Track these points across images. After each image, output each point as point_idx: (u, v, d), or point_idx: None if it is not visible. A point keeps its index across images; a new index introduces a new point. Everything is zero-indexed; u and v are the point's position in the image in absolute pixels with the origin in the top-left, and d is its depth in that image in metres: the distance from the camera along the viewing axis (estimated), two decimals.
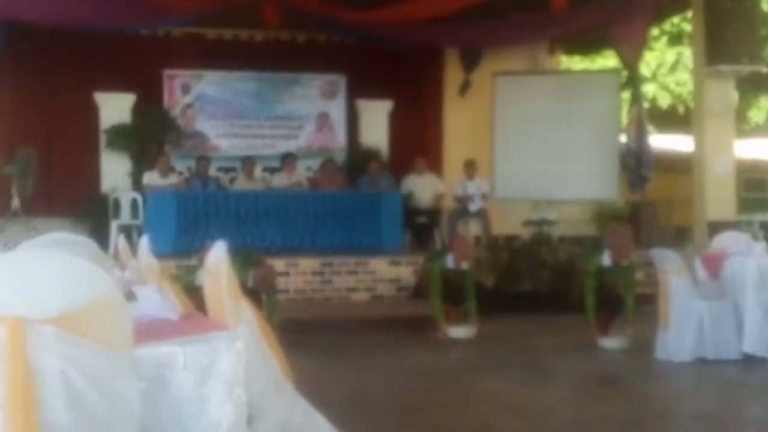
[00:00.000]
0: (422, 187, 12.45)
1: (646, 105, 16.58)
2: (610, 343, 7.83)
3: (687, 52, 18.27)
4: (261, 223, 11.05)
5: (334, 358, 7.43)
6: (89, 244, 5.31)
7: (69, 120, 12.78)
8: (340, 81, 13.69)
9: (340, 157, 13.37)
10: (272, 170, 12.73)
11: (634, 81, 13.07)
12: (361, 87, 13.54)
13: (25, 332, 2.23)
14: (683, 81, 19.63)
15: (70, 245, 4.85)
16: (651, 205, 12.79)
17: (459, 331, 8.42)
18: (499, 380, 6.62)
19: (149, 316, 3.20)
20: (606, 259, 7.85)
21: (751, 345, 6.97)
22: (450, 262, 8.64)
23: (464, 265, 8.70)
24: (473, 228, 12.66)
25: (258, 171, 12.53)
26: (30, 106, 12.72)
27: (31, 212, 11.49)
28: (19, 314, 2.24)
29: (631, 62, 12.70)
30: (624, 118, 14.33)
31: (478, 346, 8.14)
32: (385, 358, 7.47)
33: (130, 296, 3.39)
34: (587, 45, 15.14)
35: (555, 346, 8.06)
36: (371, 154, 13.04)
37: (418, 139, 14.04)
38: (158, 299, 3.48)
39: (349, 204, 11.56)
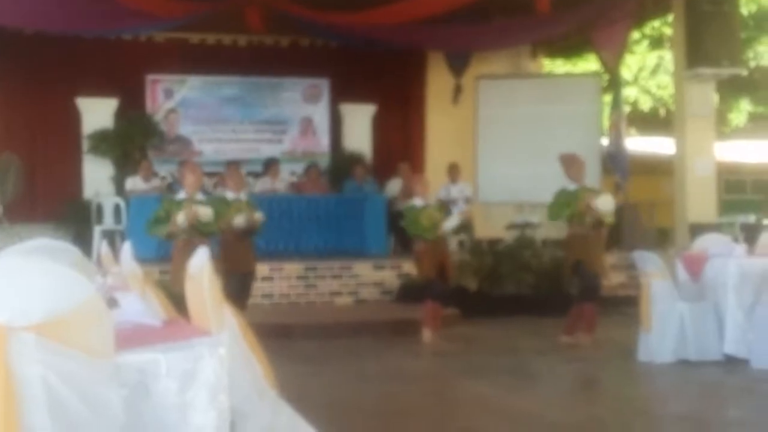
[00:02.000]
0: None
1: (627, 108, 16.68)
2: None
3: (668, 56, 18.38)
4: None
5: (318, 362, 7.43)
6: (72, 250, 5.30)
7: (51, 125, 12.74)
8: (323, 85, 13.70)
9: (324, 161, 13.38)
10: (256, 175, 12.72)
11: (615, 85, 13.14)
12: (344, 91, 13.55)
13: (7, 340, 2.23)
14: (664, 84, 19.75)
15: (53, 252, 4.83)
16: (633, 208, 12.86)
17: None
18: (483, 384, 6.64)
19: (132, 323, 3.20)
20: (571, 186, 7.92)
21: (732, 346, 7.02)
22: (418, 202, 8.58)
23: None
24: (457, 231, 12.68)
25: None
26: (12, 112, 12.68)
27: (13, 218, 11.43)
28: (0, 322, 2.24)
29: (612, 66, 12.77)
30: (606, 122, 14.39)
31: (461, 349, 8.15)
32: (369, 362, 7.47)
33: (112, 302, 3.39)
34: (569, 49, 15.22)
35: (538, 348, 8.08)
36: (355, 158, 13.05)
37: (401, 143, 14.07)
38: (141, 305, 3.48)
39: (333, 208, 11.58)
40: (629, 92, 19.81)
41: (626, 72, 18.45)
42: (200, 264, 3.14)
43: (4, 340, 2.21)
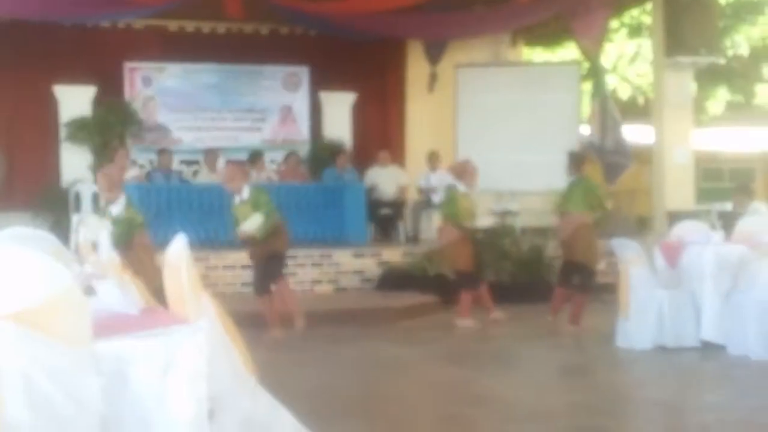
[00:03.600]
0: (386, 180, 12.47)
1: (607, 96, 16.70)
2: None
3: (646, 44, 18.44)
4: (225, 215, 10.95)
5: (298, 351, 7.44)
6: (49, 238, 5.28)
7: (28, 113, 12.60)
8: (302, 73, 13.64)
9: (304, 150, 13.33)
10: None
11: (596, 73, 13.17)
12: (324, 79, 13.51)
13: None
14: (643, 73, 19.82)
15: (30, 240, 4.81)
16: (613, 196, 12.91)
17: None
18: (464, 370, 6.67)
19: (109, 311, 3.19)
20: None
21: (709, 332, 7.08)
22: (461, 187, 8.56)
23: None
24: (436, 219, 12.70)
25: (221, 163, 12.45)
26: None
27: None
28: None
29: (591, 54, 12.80)
30: (585, 110, 14.43)
31: (442, 336, 8.18)
32: (349, 350, 7.49)
33: (89, 291, 3.37)
34: (548, 37, 15.23)
35: (518, 335, 8.13)
36: (335, 147, 13.02)
37: (381, 131, 14.05)
38: (118, 293, 3.47)
39: (313, 197, 11.56)
40: (608, 80, 19.86)
41: (605, 60, 18.49)
42: (178, 251, 3.13)
43: None
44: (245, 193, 8.15)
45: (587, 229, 8.20)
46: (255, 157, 12.21)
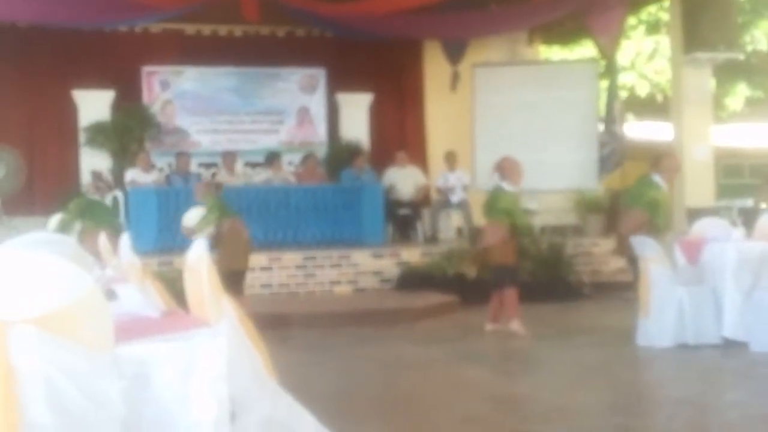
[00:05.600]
0: (404, 180, 12.47)
1: (623, 94, 16.67)
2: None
3: (664, 41, 18.35)
4: (243, 218, 11.02)
5: (318, 352, 7.45)
6: (70, 243, 5.32)
7: (48, 118, 12.73)
8: (319, 75, 13.68)
9: (321, 151, 13.37)
10: (253, 165, 12.73)
11: (612, 70, 13.12)
12: (341, 80, 13.53)
13: (6, 333, 2.23)
14: (661, 69, 19.72)
15: (51, 245, 4.84)
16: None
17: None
18: (483, 370, 6.66)
19: (130, 315, 3.21)
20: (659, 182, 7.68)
21: (730, 329, 7.03)
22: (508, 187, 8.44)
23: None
24: (455, 219, 12.71)
25: (239, 166, 12.52)
26: (8, 105, 12.65)
27: (11, 212, 11.44)
28: (0, 315, 2.25)
29: (608, 52, 12.76)
30: (602, 108, 14.37)
31: (462, 336, 8.17)
32: (368, 350, 7.48)
33: (111, 295, 3.39)
34: (565, 35, 15.19)
35: (537, 335, 8.10)
36: (352, 148, 13.04)
37: (398, 132, 14.06)
38: (139, 297, 3.49)
39: (331, 198, 11.58)
40: (626, 78, 19.79)
41: (623, 58, 18.41)
42: (198, 255, 3.14)
43: (3, 333, 2.22)
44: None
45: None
46: (272, 158, 12.26)
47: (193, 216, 8.18)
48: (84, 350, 2.37)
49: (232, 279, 7.69)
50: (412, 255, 10.85)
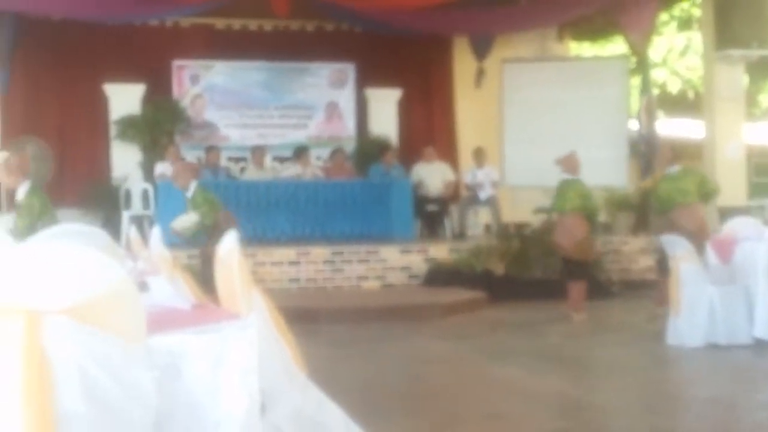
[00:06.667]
0: (432, 176, 12.46)
1: (655, 91, 16.53)
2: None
3: (697, 37, 18.18)
4: (272, 212, 11.10)
5: (345, 347, 7.45)
6: (101, 234, 5.34)
7: (79, 111, 12.84)
8: (348, 69, 13.69)
9: (350, 146, 13.38)
10: (282, 160, 12.76)
11: (643, 67, 13.01)
12: (370, 75, 13.54)
13: (42, 324, 2.25)
14: (693, 66, 19.55)
15: (83, 236, 4.87)
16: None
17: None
18: (511, 367, 6.64)
19: (162, 306, 3.23)
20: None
21: (762, 329, 6.95)
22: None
23: None
24: (483, 216, 12.68)
25: (268, 160, 12.56)
26: (41, 98, 12.78)
27: None
28: (35, 306, 2.26)
29: (639, 48, 12.65)
30: (633, 105, 14.28)
31: (490, 332, 8.15)
32: (397, 346, 7.49)
33: (143, 286, 3.41)
34: (596, 31, 15.08)
35: (566, 332, 8.07)
36: (381, 143, 13.05)
37: (427, 128, 14.06)
38: (170, 289, 3.51)
39: (359, 193, 11.60)
40: (657, 74, 19.63)
41: (654, 54, 18.27)
42: (229, 247, 3.15)
43: (39, 324, 2.24)
44: (191, 191, 8.34)
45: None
46: (300, 152, 12.29)
47: (183, 222, 8.23)
48: (117, 341, 2.38)
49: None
50: (440, 251, 10.83)
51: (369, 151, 13.08)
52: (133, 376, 2.39)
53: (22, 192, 7.07)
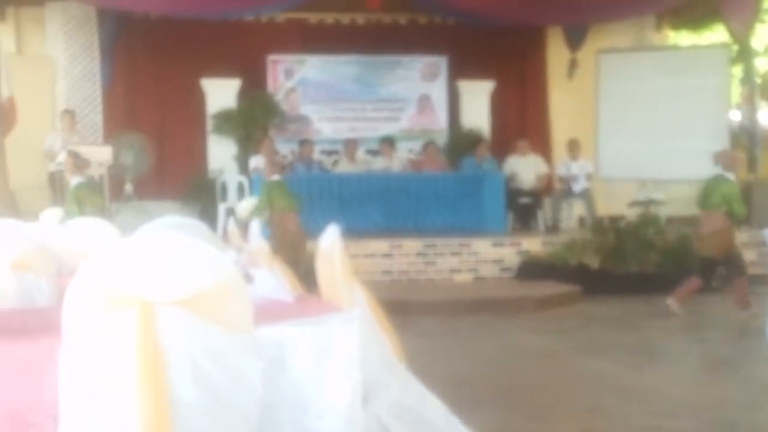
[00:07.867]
0: (525, 169, 12.35)
1: (758, 81, 15.99)
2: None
3: None
4: (364, 205, 11.16)
5: (439, 339, 7.47)
6: (202, 227, 5.44)
7: (177, 106, 13.14)
8: (441, 62, 13.66)
9: (442, 139, 13.36)
10: (374, 153, 12.83)
11: (745, 56, 12.62)
12: (462, 68, 13.47)
13: (156, 314, 2.32)
14: None
15: (185, 228, 4.98)
16: (763, 184, 12.36)
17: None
18: (606, 362, 6.56)
19: (266, 298, 3.29)
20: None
21: None
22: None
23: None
24: (577, 209, 12.52)
25: (360, 153, 12.65)
26: (140, 93, 13.13)
27: (142, 195, 11.87)
28: (148, 297, 2.34)
29: (741, 36, 12.27)
30: (734, 95, 13.86)
31: (584, 327, 8.06)
32: (489, 339, 7.47)
33: (248, 278, 3.49)
34: (695, 19, 14.66)
35: (663, 327, 7.92)
36: (473, 136, 13.00)
37: (520, 120, 13.94)
38: (273, 281, 3.57)
39: (452, 185, 11.58)
40: (760, 64, 18.98)
41: (757, 43, 17.67)
42: (331, 241, 3.19)
43: (153, 314, 2.31)
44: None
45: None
46: (385, 143, 12.34)
47: (244, 207, 8.52)
48: (226, 331, 2.45)
49: None
50: (533, 244, 10.74)
51: (461, 143, 13.04)
52: (242, 367, 2.46)
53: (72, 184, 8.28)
